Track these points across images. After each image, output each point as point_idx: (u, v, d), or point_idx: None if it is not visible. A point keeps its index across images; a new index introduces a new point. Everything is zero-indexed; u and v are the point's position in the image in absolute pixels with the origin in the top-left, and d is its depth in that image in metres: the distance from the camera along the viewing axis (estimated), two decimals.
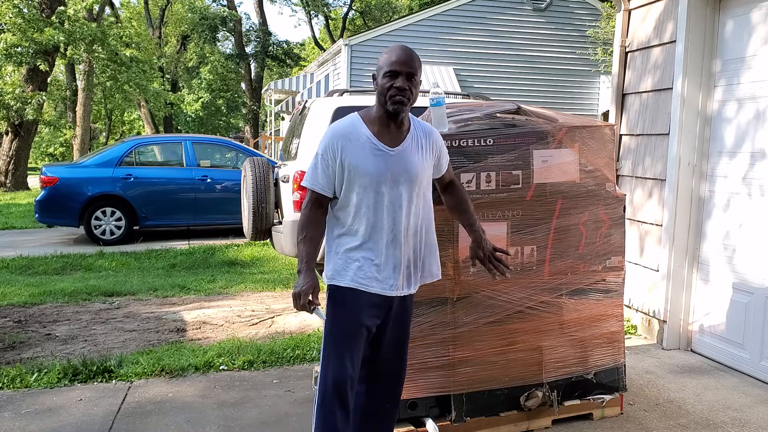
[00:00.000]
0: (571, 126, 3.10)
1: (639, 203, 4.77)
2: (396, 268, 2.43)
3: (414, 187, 2.43)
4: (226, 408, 3.46)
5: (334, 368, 2.42)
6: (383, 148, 2.39)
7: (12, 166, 17.45)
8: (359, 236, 2.39)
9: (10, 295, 5.93)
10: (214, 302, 5.81)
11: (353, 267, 2.40)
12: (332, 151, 2.37)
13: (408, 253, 2.46)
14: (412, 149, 2.45)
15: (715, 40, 4.26)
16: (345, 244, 2.42)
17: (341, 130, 2.41)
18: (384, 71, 2.38)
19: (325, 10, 33.73)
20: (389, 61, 2.39)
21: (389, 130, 2.42)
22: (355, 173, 2.36)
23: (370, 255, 2.39)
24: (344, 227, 2.42)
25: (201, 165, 9.69)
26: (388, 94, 2.36)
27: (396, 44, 2.47)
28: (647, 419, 3.33)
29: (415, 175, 2.43)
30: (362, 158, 2.36)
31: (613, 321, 3.29)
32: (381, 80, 2.39)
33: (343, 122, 2.45)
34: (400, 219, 2.41)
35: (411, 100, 2.38)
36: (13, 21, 15.45)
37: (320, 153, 2.40)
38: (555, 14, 14.33)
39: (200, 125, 32.40)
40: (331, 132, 2.42)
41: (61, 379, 3.80)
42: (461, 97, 9.14)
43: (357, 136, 2.39)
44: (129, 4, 33.55)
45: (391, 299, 2.46)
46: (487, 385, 3.05)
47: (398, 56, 2.39)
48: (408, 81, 2.36)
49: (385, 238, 2.39)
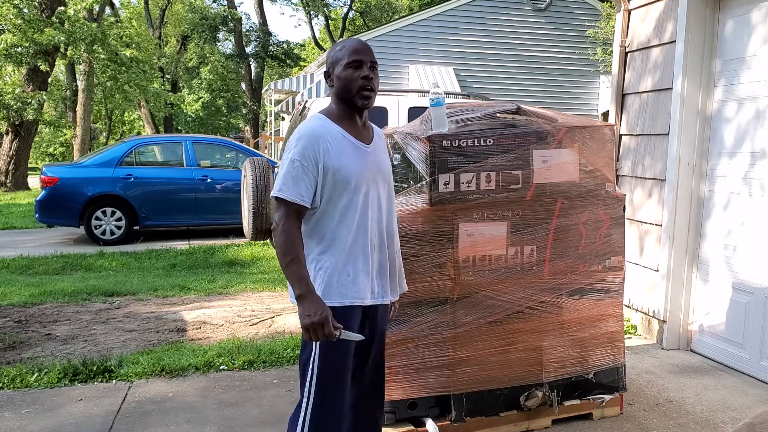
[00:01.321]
0: (570, 126, 3.10)
1: (639, 203, 4.77)
2: (383, 275, 2.29)
3: (388, 188, 2.33)
4: (226, 408, 3.46)
5: (330, 426, 2.19)
6: (360, 145, 2.23)
7: (12, 166, 17.45)
8: (346, 246, 2.17)
9: (11, 295, 5.93)
10: (214, 302, 5.81)
11: (345, 282, 2.17)
12: (312, 157, 2.13)
13: (392, 256, 2.34)
14: (381, 148, 2.34)
15: (715, 40, 4.26)
16: (328, 260, 2.17)
17: (316, 132, 2.17)
18: (345, 62, 2.18)
19: (325, 10, 33.72)
20: (350, 51, 2.18)
21: (357, 128, 2.25)
22: (339, 176, 2.15)
23: (360, 264, 2.20)
24: (326, 240, 2.18)
25: (201, 165, 9.69)
26: (356, 86, 2.17)
27: (348, 38, 2.29)
28: (647, 419, 3.33)
29: (389, 175, 2.34)
30: (343, 157, 2.17)
31: (613, 321, 3.29)
32: (343, 73, 2.18)
33: (312, 123, 2.21)
34: (382, 222, 2.28)
35: (376, 93, 2.23)
36: (13, 21, 15.45)
37: (297, 159, 2.12)
38: (555, 14, 14.34)
39: (200, 125, 32.39)
40: (306, 134, 2.16)
41: (61, 379, 3.80)
42: (461, 97, 9.15)
43: (333, 135, 2.18)
44: (129, 4, 33.55)
45: (376, 307, 2.31)
46: (487, 385, 3.05)
47: (358, 46, 2.20)
48: (372, 71, 2.20)
49: (370, 244, 2.22)
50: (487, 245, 2.98)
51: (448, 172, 2.89)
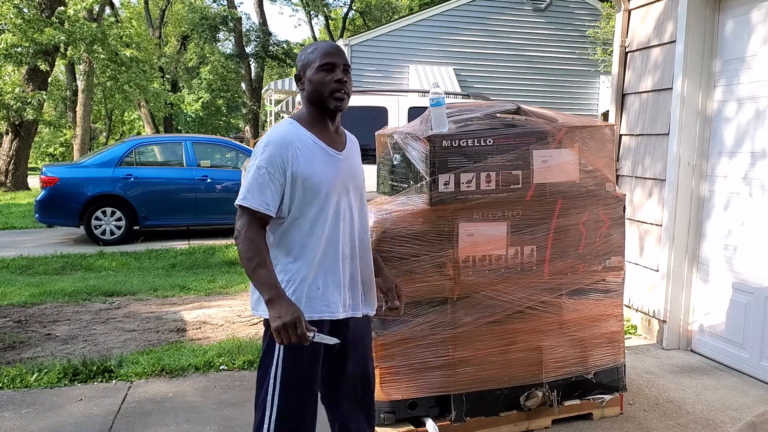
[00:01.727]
0: (570, 126, 3.10)
1: (639, 203, 4.77)
2: (355, 287, 2.20)
3: (360, 196, 2.24)
4: (226, 408, 3.46)
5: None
6: (332, 152, 2.14)
7: (12, 166, 17.44)
8: (316, 257, 2.09)
9: (10, 295, 5.93)
10: (214, 302, 5.81)
11: (314, 294, 2.09)
12: (280, 165, 2.03)
13: (364, 269, 2.25)
14: (354, 154, 2.25)
15: (715, 40, 4.26)
16: (296, 273, 2.09)
17: (285, 138, 2.08)
18: (317, 65, 2.10)
19: (325, 10, 33.71)
20: (322, 54, 2.11)
21: (329, 133, 2.17)
22: (309, 184, 2.06)
23: (330, 276, 2.12)
24: (295, 251, 2.09)
25: (201, 165, 9.69)
26: (329, 89, 2.09)
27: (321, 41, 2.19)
28: (647, 419, 3.33)
29: (362, 183, 2.25)
30: (314, 165, 2.08)
31: (613, 321, 3.29)
32: (315, 75, 2.10)
33: (282, 129, 2.12)
34: (354, 232, 2.19)
35: (349, 96, 2.16)
36: (13, 21, 15.45)
37: (263, 166, 2.03)
38: (555, 14, 14.34)
39: (200, 125, 32.38)
40: (274, 142, 2.07)
41: (61, 379, 3.80)
42: (461, 97, 9.16)
43: (303, 142, 2.09)
44: (129, 4, 33.54)
45: (347, 321, 2.20)
46: (487, 385, 3.05)
47: (330, 48, 2.14)
48: (345, 74, 2.12)
49: (341, 255, 2.14)
50: (487, 245, 2.98)
51: (448, 172, 2.89)
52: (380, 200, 3.16)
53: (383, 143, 3.33)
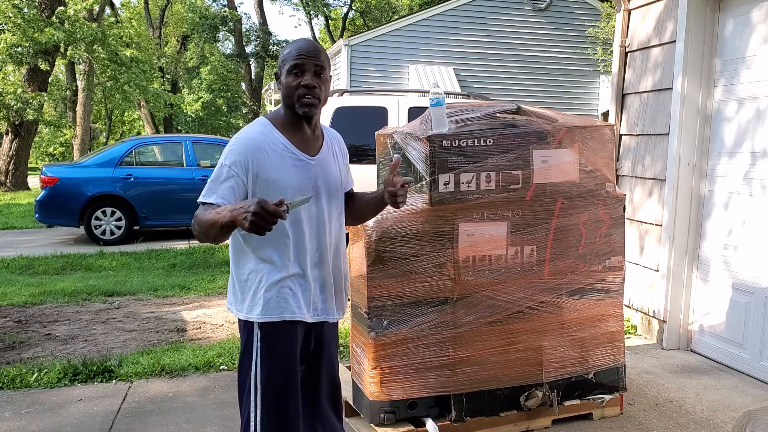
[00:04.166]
0: (571, 126, 3.10)
1: (639, 203, 4.77)
2: (324, 291, 2.17)
3: (334, 201, 2.19)
4: (226, 408, 3.46)
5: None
6: (303, 157, 2.08)
7: (12, 166, 17.44)
8: (283, 260, 2.06)
9: (11, 295, 5.93)
10: (214, 302, 5.81)
11: (284, 295, 2.07)
12: (243, 165, 1.99)
13: (335, 274, 2.21)
14: (330, 158, 2.19)
15: (715, 39, 4.26)
16: (268, 273, 2.06)
17: (254, 140, 2.03)
18: (288, 66, 2.02)
19: (325, 10, 33.70)
20: (292, 54, 2.02)
21: (304, 136, 2.10)
22: (274, 188, 2.01)
23: (299, 280, 2.09)
24: (265, 254, 2.06)
25: (201, 165, 9.69)
26: (295, 94, 2.02)
27: (299, 38, 2.12)
28: (647, 419, 3.33)
29: (336, 187, 2.19)
30: (281, 170, 2.03)
31: (613, 321, 3.29)
32: (285, 78, 2.04)
33: (253, 130, 2.07)
34: (324, 237, 2.14)
35: (322, 101, 2.07)
36: (13, 20, 15.45)
37: (227, 164, 1.99)
38: (555, 14, 14.33)
39: (200, 125, 32.37)
40: (241, 142, 2.03)
41: (61, 379, 3.80)
42: (461, 97, 9.16)
43: (273, 146, 2.04)
44: (129, 4, 33.53)
45: (320, 326, 2.20)
46: (487, 384, 3.05)
47: (302, 48, 2.03)
48: (316, 77, 2.03)
49: (310, 259, 2.11)
50: (487, 245, 2.98)
51: (448, 172, 2.89)
52: None
53: (383, 143, 3.33)
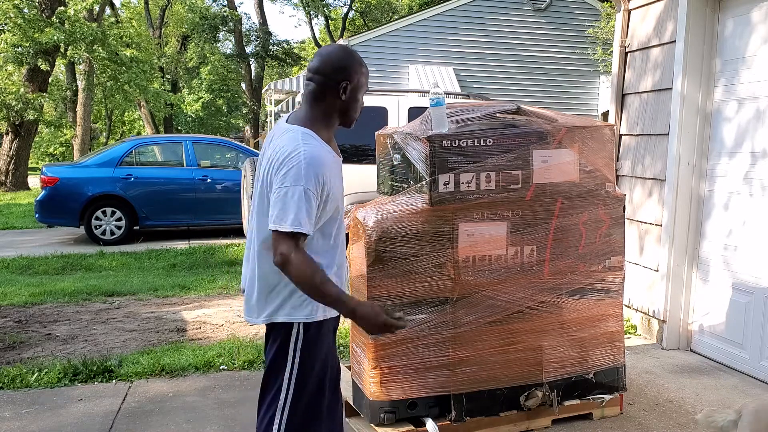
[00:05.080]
0: (570, 126, 3.10)
1: (639, 203, 4.77)
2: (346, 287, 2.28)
3: None
4: (226, 408, 3.46)
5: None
6: (341, 164, 2.22)
7: (12, 166, 17.44)
8: (334, 265, 2.16)
9: (11, 295, 5.93)
10: (214, 302, 5.82)
11: None
12: (321, 184, 2.01)
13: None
14: None
15: (715, 39, 4.26)
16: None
17: (322, 157, 2.05)
18: (364, 90, 2.17)
19: (325, 10, 33.69)
20: (368, 79, 2.19)
21: (332, 143, 2.20)
22: (334, 199, 2.09)
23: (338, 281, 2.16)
24: (326, 257, 2.13)
25: (201, 165, 9.69)
26: (358, 113, 2.19)
27: (354, 50, 2.20)
28: (647, 419, 3.33)
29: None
30: (339, 181, 2.15)
31: (613, 321, 3.29)
32: (360, 94, 2.15)
33: (314, 145, 2.05)
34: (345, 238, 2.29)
35: None
36: (13, 21, 15.45)
37: (309, 188, 1.97)
38: (554, 14, 14.32)
39: (200, 125, 32.36)
40: (315, 161, 2.01)
41: (62, 379, 3.80)
42: (461, 97, 9.15)
43: (331, 158, 2.12)
44: (129, 4, 33.52)
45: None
46: (487, 384, 3.05)
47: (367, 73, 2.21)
48: None
49: (342, 257, 2.24)
50: (487, 245, 2.98)
51: (448, 172, 2.89)
52: (380, 200, 3.16)
53: (383, 143, 3.33)
